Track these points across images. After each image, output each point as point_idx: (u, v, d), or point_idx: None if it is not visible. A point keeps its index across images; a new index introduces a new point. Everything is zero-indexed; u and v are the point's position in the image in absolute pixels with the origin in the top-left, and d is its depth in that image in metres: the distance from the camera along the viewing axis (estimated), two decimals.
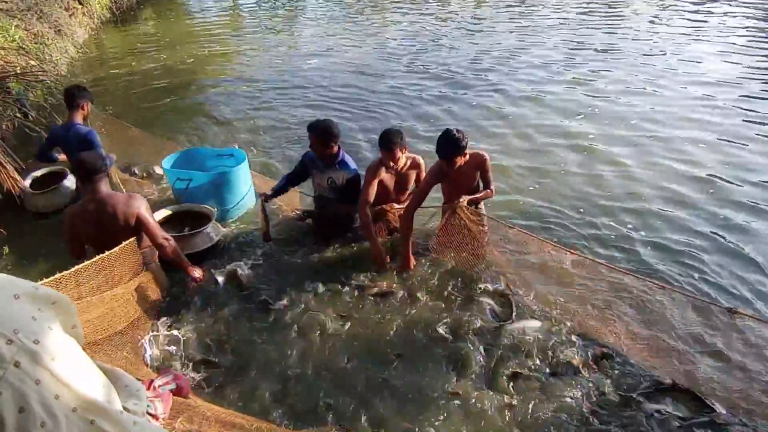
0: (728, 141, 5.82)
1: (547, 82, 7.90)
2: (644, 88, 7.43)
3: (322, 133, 3.78)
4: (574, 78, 7.96)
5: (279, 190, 4.17)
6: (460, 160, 3.45)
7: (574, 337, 3.17)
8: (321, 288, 3.68)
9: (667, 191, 4.96)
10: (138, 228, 3.23)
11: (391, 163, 3.69)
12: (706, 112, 6.55)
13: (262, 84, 8.54)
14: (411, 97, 7.66)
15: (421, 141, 6.06)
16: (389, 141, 3.59)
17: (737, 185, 5.02)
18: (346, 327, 3.35)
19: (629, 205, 4.78)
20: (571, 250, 3.60)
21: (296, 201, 4.79)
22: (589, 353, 3.04)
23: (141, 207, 3.23)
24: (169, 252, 3.30)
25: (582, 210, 4.74)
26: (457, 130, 3.41)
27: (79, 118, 4.45)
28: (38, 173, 4.93)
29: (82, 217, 3.26)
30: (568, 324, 3.28)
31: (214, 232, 4.08)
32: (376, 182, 3.78)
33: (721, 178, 5.12)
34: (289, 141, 6.41)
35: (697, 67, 8.13)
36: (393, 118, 7.00)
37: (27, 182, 4.72)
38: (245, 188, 4.63)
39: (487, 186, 3.74)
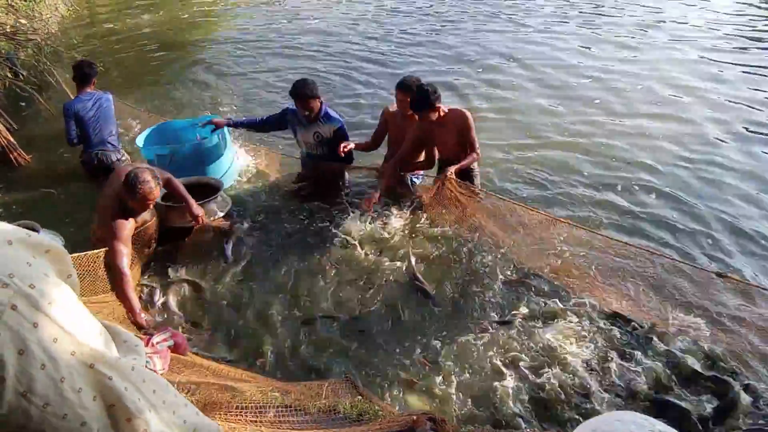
0: None
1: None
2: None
3: (307, 93, 3.77)
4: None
5: (246, 123, 4.22)
6: (433, 115, 3.55)
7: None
8: (311, 252, 3.72)
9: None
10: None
11: (405, 106, 3.75)
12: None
13: (258, 43, 8.33)
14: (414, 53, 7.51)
15: None
16: (406, 84, 3.70)
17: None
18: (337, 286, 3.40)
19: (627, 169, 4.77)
20: (567, 220, 3.59)
21: (276, 162, 4.71)
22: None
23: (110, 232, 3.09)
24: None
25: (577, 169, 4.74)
26: (429, 85, 3.49)
27: (91, 89, 4.53)
28: None
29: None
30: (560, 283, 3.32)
31: (226, 198, 4.02)
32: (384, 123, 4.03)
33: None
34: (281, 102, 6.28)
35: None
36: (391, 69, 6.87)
37: None
38: (228, 154, 4.50)
39: (471, 147, 3.75)
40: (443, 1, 10.31)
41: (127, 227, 3.13)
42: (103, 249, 3.04)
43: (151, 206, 3.24)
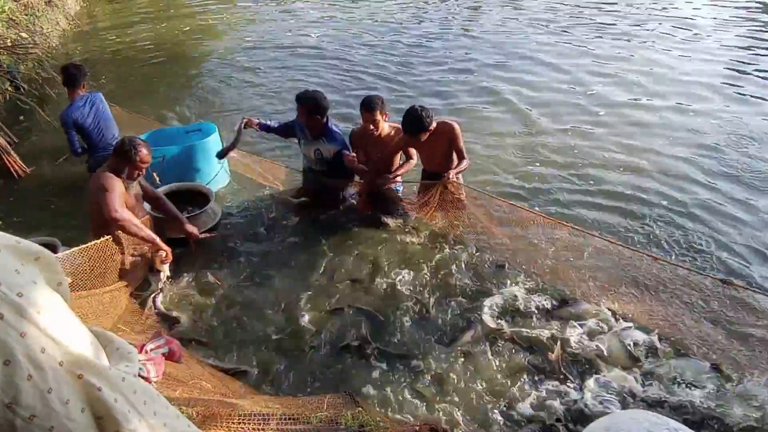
0: None
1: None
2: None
3: (311, 106, 3.72)
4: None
5: (266, 126, 4.08)
6: (424, 135, 3.53)
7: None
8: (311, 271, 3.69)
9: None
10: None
11: (371, 126, 3.71)
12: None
13: (258, 57, 8.35)
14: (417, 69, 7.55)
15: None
16: (370, 102, 3.67)
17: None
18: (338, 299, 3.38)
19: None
20: (564, 222, 3.58)
21: (282, 175, 4.68)
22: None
23: (100, 187, 3.08)
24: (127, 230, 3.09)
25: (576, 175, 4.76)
26: (421, 108, 3.44)
27: (82, 93, 4.45)
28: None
29: None
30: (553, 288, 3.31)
31: (216, 208, 4.02)
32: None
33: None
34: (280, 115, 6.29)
35: None
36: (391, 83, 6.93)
37: None
38: (217, 162, 4.49)
39: (460, 155, 3.73)
40: (450, 6, 10.43)
41: (119, 186, 3.10)
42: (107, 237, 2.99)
43: (143, 172, 3.26)
